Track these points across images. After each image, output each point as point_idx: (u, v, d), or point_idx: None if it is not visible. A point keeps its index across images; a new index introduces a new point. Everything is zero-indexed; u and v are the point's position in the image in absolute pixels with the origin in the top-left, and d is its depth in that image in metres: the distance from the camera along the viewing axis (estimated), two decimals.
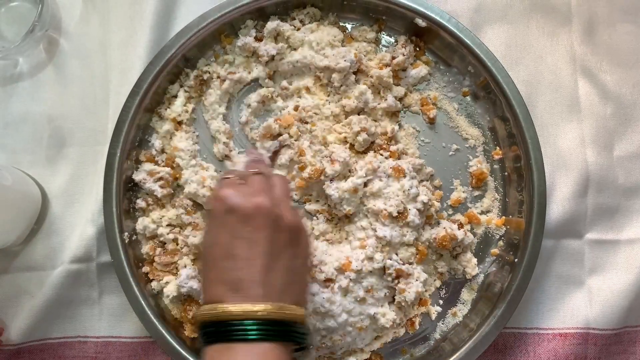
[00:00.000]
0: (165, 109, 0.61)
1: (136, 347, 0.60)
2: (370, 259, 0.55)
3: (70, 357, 0.60)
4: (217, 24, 0.60)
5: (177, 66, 0.61)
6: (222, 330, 0.42)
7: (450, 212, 0.60)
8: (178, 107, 0.61)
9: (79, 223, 0.61)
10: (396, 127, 0.60)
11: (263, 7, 0.60)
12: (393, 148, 0.59)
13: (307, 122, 0.59)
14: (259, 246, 0.44)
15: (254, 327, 0.41)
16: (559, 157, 0.61)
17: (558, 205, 0.60)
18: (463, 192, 0.60)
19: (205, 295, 0.45)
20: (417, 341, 0.59)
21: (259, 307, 0.42)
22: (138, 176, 0.59)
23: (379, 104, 0.59)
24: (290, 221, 0.46)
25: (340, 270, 0.55)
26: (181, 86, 0.61)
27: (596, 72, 0.63)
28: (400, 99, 0.61)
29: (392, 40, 0.62)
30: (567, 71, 0.63)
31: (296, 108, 0.60)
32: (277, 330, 0.42)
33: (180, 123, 0.61)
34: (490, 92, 0.60)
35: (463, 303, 0.60)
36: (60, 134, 0.63)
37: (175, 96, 0.61)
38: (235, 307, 0.42)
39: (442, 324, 0.59)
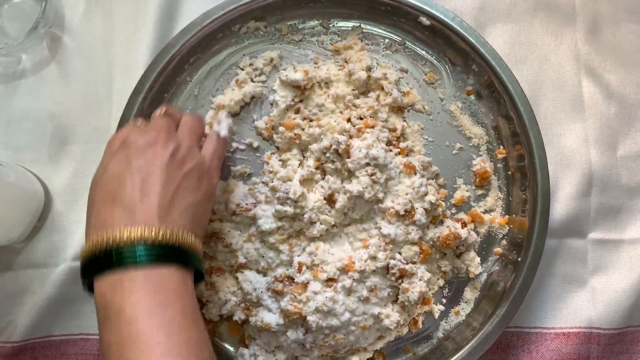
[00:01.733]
0: None
1: None
2: (374, 258, 0.55)
3: (73, 354, 0.60)
4: (220, 22, 0.59)
5: (180, 64, 0.60)
6: (111, 257, 0.40)
7: (454, 210, 0.60)
8: None
9: (82, 220, 0.60)
10: (405, 124, 0.60)
11: (266, 6, 0.60)
12: (403, 145, 0.59)
13: (312, 120, 0.59)
14: (154, 175, 0.44)
15: (145, 250, 0.40)
16: (563, 156, 0.61)
17: (561, 204, 0.60)
18: (466, 191, 0.60)
19: (90, 228, 0.43)
20: (420, 340, 0.59)
21: (152, 230, 0.41)
22: None
23: (384, 99, 0.59)
24: (189, 155, 0.47)
25: (344, 270, 0.55)
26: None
27: (600, 71, 0.63)
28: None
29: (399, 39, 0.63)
30: (571, 70, 0.63)
31: (297, 110, 0.60)
32: (171, 253, 0.42)
33: None
34: (494, 91, 0.60)
35: (466, 302, 0.60)
36: (62, 131, 0.63)
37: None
38: (127, 231, 0.41)
39: (445, 322, 0.59)
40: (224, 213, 0.57)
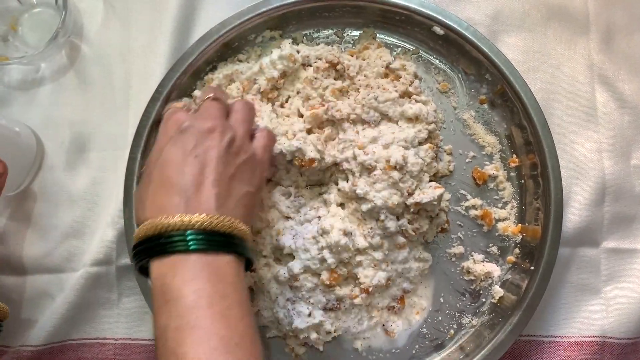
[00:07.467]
0: None
1: (154, 349, 0.61)
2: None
3: (90, 359, 0.61)
4: (237, 31, 0.60)
5: (196, 72, 0.61)
6: (171, 242, 0.41)
7: (468, 212, 0.61)
8: None
9: (100, 227, 0.62)
10: None
11: (282, 15, 0.61)
12: None
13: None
14: (211, 164, 0.45)
15: (205, 238, 0.42)
16: (576, 165, 0.61)
17: (574, 213, 0.60)
18: (480, 198, 0.61)
19: (146, 210, 0.45)
20: (432, 348, 0.60)
21: (211, 219, 0.42)
22: None
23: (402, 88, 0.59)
24: (244, 146, 0.48)
25: None
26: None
27: (614, 80, 0.63)
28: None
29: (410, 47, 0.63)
30: (585, 79, 0.63)
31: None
32: (229, 242, 0.43)
33: None
34: (507, 99, 0.60)
35: (479, 310, 0.60)
36: (81, 138, 0.64)
37: None
38: (187, 218, 0.42)
39: (458, 331, 0.60)
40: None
